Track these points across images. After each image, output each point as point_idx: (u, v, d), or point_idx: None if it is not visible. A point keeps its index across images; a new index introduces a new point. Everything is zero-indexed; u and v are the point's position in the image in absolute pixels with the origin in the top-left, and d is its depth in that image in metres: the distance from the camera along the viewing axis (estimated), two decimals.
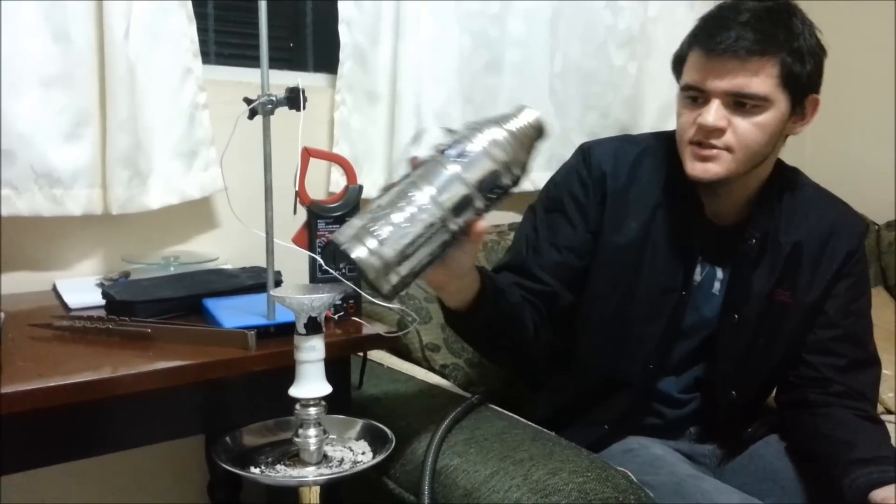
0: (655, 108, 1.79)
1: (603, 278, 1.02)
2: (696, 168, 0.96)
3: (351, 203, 0.95)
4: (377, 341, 0.93)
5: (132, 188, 1.20)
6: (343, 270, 0.79)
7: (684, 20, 1.80)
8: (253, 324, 0.84)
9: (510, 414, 0.91)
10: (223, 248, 1.34)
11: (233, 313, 0.89)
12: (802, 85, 0.93)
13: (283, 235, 0.92)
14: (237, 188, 1.13)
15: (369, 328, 0.91)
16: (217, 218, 1.37)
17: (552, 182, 1.08)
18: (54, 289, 1.16)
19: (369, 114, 1.46)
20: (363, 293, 0.79)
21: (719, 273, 1.04)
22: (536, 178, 1.66)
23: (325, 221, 0.93)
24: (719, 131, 0.93)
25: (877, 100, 1.91)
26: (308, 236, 0.93)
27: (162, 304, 0.97)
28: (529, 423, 0.88)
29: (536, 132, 0.76)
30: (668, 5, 1.77)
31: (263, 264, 0.96)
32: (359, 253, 0.67)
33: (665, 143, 1.05)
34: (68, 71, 1.13)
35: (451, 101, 1.49)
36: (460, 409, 0.86)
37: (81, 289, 1.11)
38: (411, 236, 0.68)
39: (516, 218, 1.65)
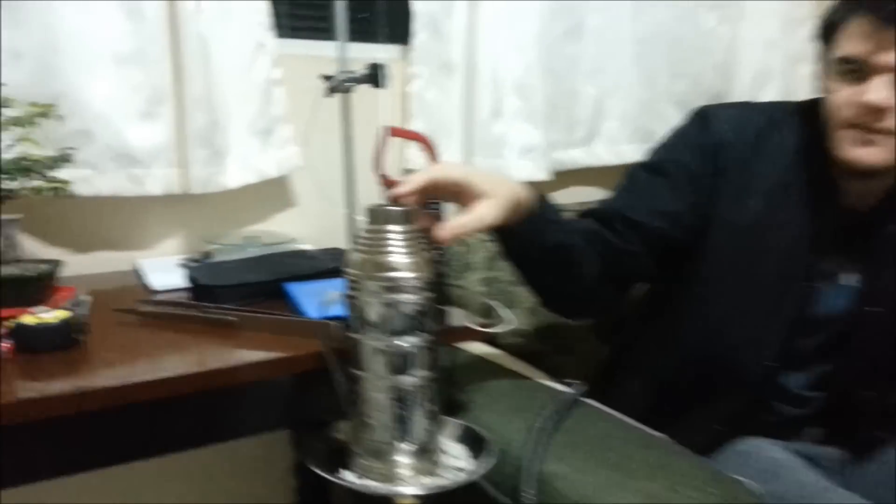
0: (749, 74, 1.67)
1: (718, 261, 0.94)
2: (859, 153, 0.85)
3: None
4: (468, 334, 0.88)
5: (210, 167, 1.18)
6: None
7: None
8: (341, 313, 0.80)
9: (611, 412, 0.85)
10: (298, 227, 1.31)
11: (317, 301, 0.86)
12: None
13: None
14: (310, 166, 1.09)
15: (459, 318, 0.86)
16: (292, 196, 1.34)
17: (661, 145, 0.99)
18: (136, 269, 1.15)
19: (444, 86, 1.40)
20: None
21: (853, 263, 0.95)
22: (623, 151, 1.58)
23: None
24: (884, 112, 0.82)
25: None
26: None
27: (245, 289, 0.95)
28: (636, 424, 0.82)
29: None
30: None
31: (340, 244, 0.93)
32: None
33: (792, 115, 0.95)
34: (142, 48, 1.11)
35: (530, 71, 1.41)
36: (559, 406, 0.80)
37: (164, 269, 1.10)
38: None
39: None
